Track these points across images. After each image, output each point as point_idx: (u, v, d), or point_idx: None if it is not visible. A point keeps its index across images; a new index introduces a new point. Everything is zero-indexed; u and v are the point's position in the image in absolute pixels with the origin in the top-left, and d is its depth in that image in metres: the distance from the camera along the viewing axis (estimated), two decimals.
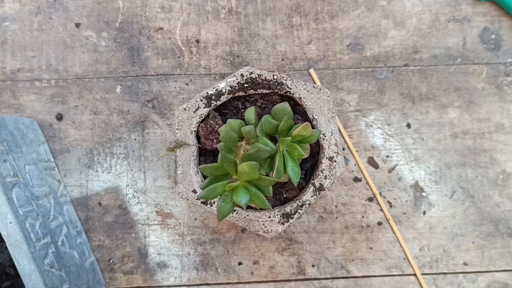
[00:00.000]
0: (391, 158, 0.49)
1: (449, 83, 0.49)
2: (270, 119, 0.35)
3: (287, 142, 0.34)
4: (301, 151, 0.34)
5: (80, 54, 0.49)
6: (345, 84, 0.49)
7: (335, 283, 0.48)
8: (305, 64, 0.49)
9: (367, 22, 0.50)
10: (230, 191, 0.32)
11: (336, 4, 0.50)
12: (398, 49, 0.50)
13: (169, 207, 0.48)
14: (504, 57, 0.50)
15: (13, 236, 0.35)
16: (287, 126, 0.34)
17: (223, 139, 0.32)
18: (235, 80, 0.38)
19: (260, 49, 0.49)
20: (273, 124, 0.34)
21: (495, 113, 0.49)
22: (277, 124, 0.34)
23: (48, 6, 0.49)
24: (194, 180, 0.38)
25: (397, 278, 0.48)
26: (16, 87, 0.49)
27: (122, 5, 0.50)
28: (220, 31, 0.49)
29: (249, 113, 0.36)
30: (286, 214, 0.39)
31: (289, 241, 0.48)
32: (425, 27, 0.50)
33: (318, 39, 0.50)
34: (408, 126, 0.49)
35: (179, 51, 0.49)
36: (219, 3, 0.50)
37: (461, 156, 0.49)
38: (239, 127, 0.34)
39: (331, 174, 0.38)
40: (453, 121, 0.49)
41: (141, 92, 0.49)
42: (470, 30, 0.50)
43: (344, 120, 0.49)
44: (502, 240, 0.48)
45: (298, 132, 0.34)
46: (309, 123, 0.34)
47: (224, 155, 0.31)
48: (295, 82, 0.39)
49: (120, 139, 0.49)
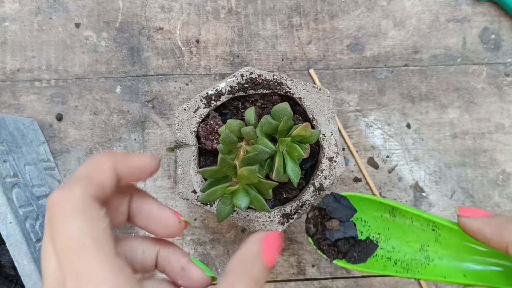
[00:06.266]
0: (391, 158, 0.49)
1: (449, 83, 0.49)
2: (270, 119, 0.35)
3: (287, 142, 0.34)
4: (301, 152, 0.34)
5: (80, 54, 0.49)
6: (345, 84, 0.49)
7: (335, 283, 0.48)
8: (305, 64, 0.49)
9: (367, 22, 0.50)
10: (229, 194, 0.32)
11: (336, 4, 0.50)
12: (398, 49, 0.50)
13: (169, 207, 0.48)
14: (504, 57, 0.50)
15: (13, 236, 0.35)
16: (287, 126, 0.34)
17: (222, 141, 0.32)
18: (235, 80, 0.38)
19: (260, 49, 0.49)
20: (273, 124, 0.34)
21: (495, 113, 0.49)
22: (276, 124, 0.34)
23: (48, 6, 0.49)
24: (194, 180, 0.38)
25: (397, 278, 0.48)
26: (16, 87, 0.49)
27: (122, 5, 0.50)
28: (220, 31, 0.50)
29: (249, 114, 0.36)
30: (286, 214, 0.39)
31: (289, 241, 0.48)
32: (425, 27, 0.50)
33: (318, 39, 0.50)
34: (408, 126, 0.49)
35: (179, 51, 0.49)
36: (219, 3, 0.50)
37: (461, 156, 0.49)
38: (239, 128, 0.34)
39: (331, 174, 0.38)
40: (453, 121, 0.49)
41: (141, 92, 0.49)
42: (470, 30, 0.50)
43: (344, 120, 0.49)
44: None
45: (298, 132, 0.34)
46: (309, 123, 0.34)
47: (223, 159, 0.31)
48: (295, 82, 0.39)
49: (120, 139, 0.49)
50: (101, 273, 0.19)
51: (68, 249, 0.19)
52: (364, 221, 0.32)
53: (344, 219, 0.31)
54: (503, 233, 0.25)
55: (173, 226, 0.24)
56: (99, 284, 0.18)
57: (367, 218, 0.32)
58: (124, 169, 0.23)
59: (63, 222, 0.20)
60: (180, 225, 0.24)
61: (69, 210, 0.20)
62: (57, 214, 0.20)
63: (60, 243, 0.19)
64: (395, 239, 0.31)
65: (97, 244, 0.19)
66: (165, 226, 0.24)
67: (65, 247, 0.19)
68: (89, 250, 0.19)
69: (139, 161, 0.24)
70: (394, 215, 0.31)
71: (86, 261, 0.19)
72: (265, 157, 0.33)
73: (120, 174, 0.23)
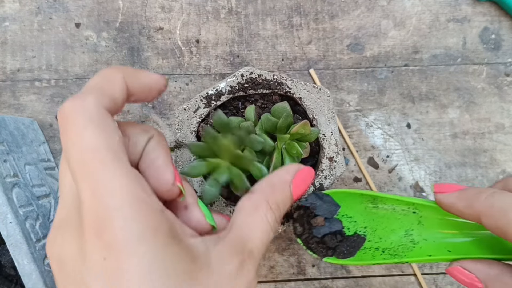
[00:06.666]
0: (391, 158, 0.49)
1: (449, 83, 0.49)
2: (269, 117, 0.35)
3: (286, 139, 0.34)
4: (300, 149, 0.34)
5: (80, 54, 0.49)
6: (345, 84, 0.49)
7: (335, 283, 0.48)
8: (305, 64, 0.49)
9: (367, 22, 0.50)
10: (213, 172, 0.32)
11: (336, 4, 0.50)
12: (398, 49, 0.50)
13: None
14: (504, 57, 0.50)
15: (13, 236, 0.35)
16: (286, 123, 0.34)
17: (215, 123, 0.32)
18: (235, 80, 0.38)
19: (260, 49, 0.49)
20: (272, 121, 0.35)
21: (495, 113, 0.49)
22: (276, 121, 0.34)
23: (48, 6, 0.49)
24: (194, 180, 0.38)
25: (397, 278, 0.48)
26: (16, 87, 0.49)
27: (122, 5, 0.50)
28: (220, 31, 0.50)
29: (249, 111, 0.36)
30: (286, 214, 0.39)
31: (289, 241, 0.48)
32: (425, 27, 0.50)
33: (318, 39, 0.50)
34: (408, 126, 0.49)
35: (179, 51, 0.49)
36: (219, 3, 0.50)
37: (461, 156, 0.49)
38: (238, 123, 0.34)
39: (331, 174, 0.38)
40: (453, 121, 0.49)
41: None
42: (470, 30, 0.50)
43: (344, 120, 0.49)
44: None
45: (297, 129, 0.34)
46: (308, 121, 0.34)
47: (207, 129, 0.31)
48: (295, 82, 0.39)
49: None
50: (118, 182, 0.18)
51: (83, 159, 0.18)
52: (350, 217, 0.32)
53: (329, 215, 0.31)
54: (474, 204, 0.25)
55: (165, 184, 0.23)
56: (116, 193, 0.18)
57: (352, 213, 0.32)
58: (135, 84, 0.22)
59: (78, 132, 0.19)
60: (172, 188, 0.23)
61: (84, 119, 0.19)
62: (70, 124, 0.19)
63: (75, 153, 0.19)
64: (381, 229, 0.31)
65: (114, 154, 0.19)
66: (157, 180, 0.23)
67: (80, 157, 0.18)
68: (105, 159, 0.18)
69: (149, 77, 0.23)
70: (376, 205, 0.31)
71: (102, 171, 0.18)
72: (258, 147, 0.33)
73: (131, 89, 0.22)
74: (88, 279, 0.18)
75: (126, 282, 0.17)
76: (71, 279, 0.19)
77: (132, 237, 0.18)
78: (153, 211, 0.19)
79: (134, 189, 0.19)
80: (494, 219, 0.24)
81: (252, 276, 0.22)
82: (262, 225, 0.23)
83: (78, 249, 0.19)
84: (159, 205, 0.20)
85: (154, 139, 0.24)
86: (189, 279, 0.19)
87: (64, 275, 0.19)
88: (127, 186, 0.18)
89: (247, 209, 0.24)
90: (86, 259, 0.18)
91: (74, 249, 0.19)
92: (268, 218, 0.23)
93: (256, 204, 0.24)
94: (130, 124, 0.23)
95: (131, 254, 0.17)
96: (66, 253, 0.19)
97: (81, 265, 0.18)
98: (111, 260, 0.17)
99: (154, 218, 0.19)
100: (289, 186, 0.25)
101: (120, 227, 0.18)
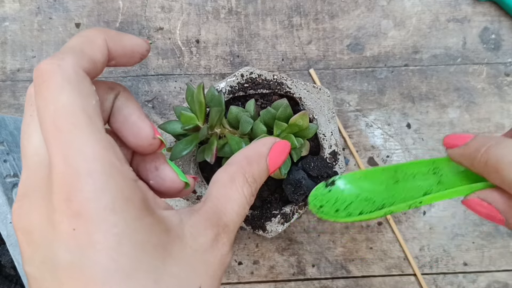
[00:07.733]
0: (391, 158, 0.49)
1: (449, 83, 0.49)
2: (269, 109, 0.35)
3: (283, 127, 0.34)
4: (295, 141, 0.33)
5: None
6: (345, 84, 0.49)
7: (335, 283, 0.48)
8: (305, 64, 0.49)
9: (367, 22, 0.50)
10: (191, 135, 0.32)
11: (336, 4, 0.50)
12: (398, 49, 0.50)
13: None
14: (504, 57, 0.50)
15: (13, 236, 0.35)
16: (285, 113, 0.34)
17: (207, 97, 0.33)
18: (235, 80, 0.38)
19: (260, 49, 0.49)
20: (272, 112, 0.35)
21: (495, 113, 0.49)
22: (275, 113, 0.35)
23: (48, 6, 0.49)
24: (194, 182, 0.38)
25: (397, 278, 0.48)
26: (16, 87, 0.49)
27: (122, 5, 0.50)
28: (220, 31, 0.50)
29: (249, 105, 0.36)
30: (286, 214, 0.39)
31: (289, 241, 0.48)
32: (425, 27, 0.50)
33: (318, 39, 0.50)
34: (408, 126, 0.49)
35: (179, 51, 0.49)
36: (219, 3, 0.50)
37: None
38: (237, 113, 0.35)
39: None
40: (453, 121, 0.49)
41: (141, 92, 0.49)
42: (470, 30, 0.50)
43: (344, 120, 0.49)
44: (502, 240, 0.48)
45: (295, 120, 0.34)
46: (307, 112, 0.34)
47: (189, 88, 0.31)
48: (295, 82, 0.39)
49: None
50: (92, 149, 0.17)
51: (57, 121, 0.17)
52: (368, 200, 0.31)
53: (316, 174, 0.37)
54: (473, 163, 0.25)
55: (145, 139, 0.22)
56: (90, 160, 0.17)
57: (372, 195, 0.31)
58: (117, 47, 0.21)
59: (54, 93, 0.18)
60: (153, 141, 0.22)
61: (61, 80, 0.18)
62: (46, 85, 0.18)
63: (48, 115, 0.18)
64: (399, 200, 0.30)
65: (89, 119, 0.18)
66: (136, 135, 0.22)
67: (54, 120, 0.17)
68: (80, 124, 0.17)
69: (132, 40, 0.22)
70: (397, 180, 0.31)
71: (76, 135, 0.17)
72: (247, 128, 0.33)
73: (112, 52, 0.21)
74: (58, 249, 0.17)
75: (96, 253, 0.17)
76: (40, 251, 0.18)
77: (103, 206, 0.17)
78: (126, 180, 0.18)
79: (107, 156, 0.18)
80: (491, 177, 0.24)
81: (226, 250, 0.21)
82: (238, 198, 0.23)
83: (47, 218, 0.18)
84: (132, 174, 0.19)
85: (122, 95, 0.23)
86: (162, 251, 0.18)
87: (32, 248, 0.18)
88: (101, 152, 0.18)
89: (223, 181, 0.23)
90: (55, 228, 0.17)
91: (42, 218, 0.18)
92: (245, 191, 0.23)
93: (232, 176, 0.23)
94: (95, 82, 0.22)
95: (102, 225, 0.17)
96: (34, 223, 0.18)
97: (50, 235, 0.17)
98: (81, 230, 0.17)
99: (126, 187, 0.18)
100: (266, 159, 0.25)
101: (91, 195, 0.17)
